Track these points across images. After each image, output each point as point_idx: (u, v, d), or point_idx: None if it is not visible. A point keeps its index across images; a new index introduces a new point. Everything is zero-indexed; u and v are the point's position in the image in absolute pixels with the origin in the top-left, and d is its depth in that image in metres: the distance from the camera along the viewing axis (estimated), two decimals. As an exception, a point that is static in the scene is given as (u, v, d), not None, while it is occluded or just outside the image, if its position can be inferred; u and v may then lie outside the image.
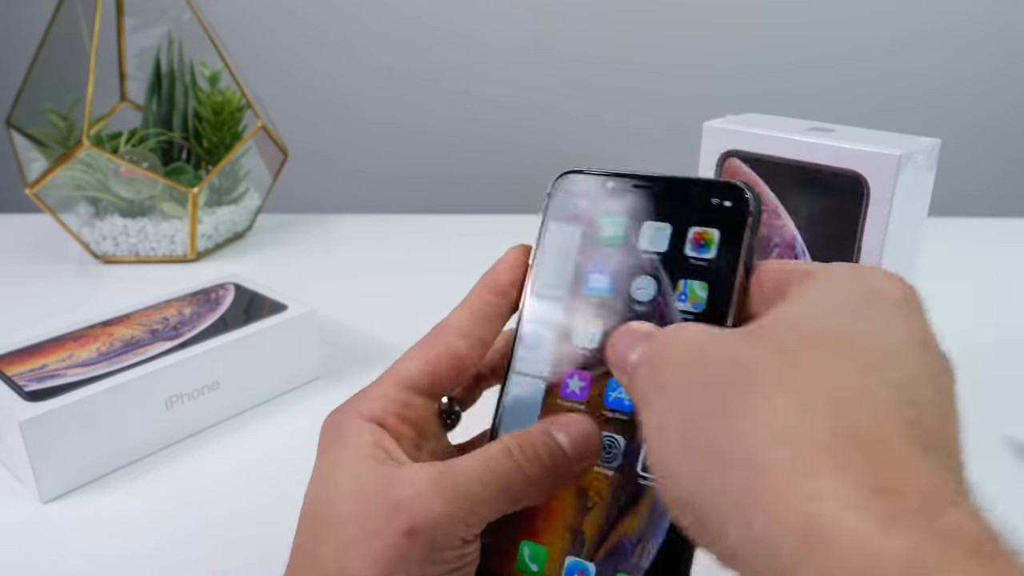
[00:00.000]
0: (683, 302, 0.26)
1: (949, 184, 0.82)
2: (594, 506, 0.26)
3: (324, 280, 0.73)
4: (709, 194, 0.26)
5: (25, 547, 0.40)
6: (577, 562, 0.25)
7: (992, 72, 1.33)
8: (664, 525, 0.25)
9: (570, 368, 0.27)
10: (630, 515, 0.25)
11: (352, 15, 1.31)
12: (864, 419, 0.17)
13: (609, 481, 0.26)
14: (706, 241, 0.26)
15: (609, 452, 0.26)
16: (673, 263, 0.26)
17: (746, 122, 0.41)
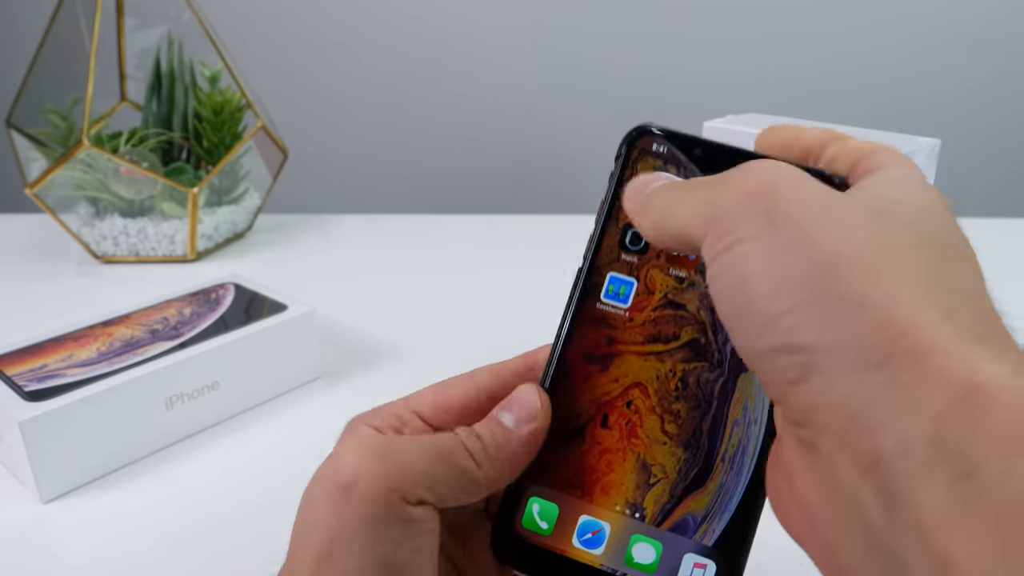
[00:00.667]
0: None
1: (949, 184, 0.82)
2: (657, 482, 0.25)
3: (324, 280, 0.73)
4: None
5: (25, 547, 0.40)
6: (592, 521, 0.25)
7: (992, 73, 1.33)
8: (731, 502, 0.25)
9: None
10: (698, 493, 0.25)
11: (352, 15, 1.31)
12: (984, 297, 0.20)
13: (678, 457, 0.25)
14: None
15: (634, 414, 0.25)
16: None
17: (746, 122, 0.41)
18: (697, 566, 0.24)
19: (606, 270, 0.26)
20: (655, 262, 0.26)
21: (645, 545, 0.25)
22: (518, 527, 0.25)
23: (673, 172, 0.26)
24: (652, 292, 0.26)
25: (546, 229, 0.88)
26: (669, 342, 0.25)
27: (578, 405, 0.26)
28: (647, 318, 0.26)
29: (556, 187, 1.33)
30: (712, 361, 0.25)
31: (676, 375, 0.25)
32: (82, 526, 0.41)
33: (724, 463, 0.25)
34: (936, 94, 1.34)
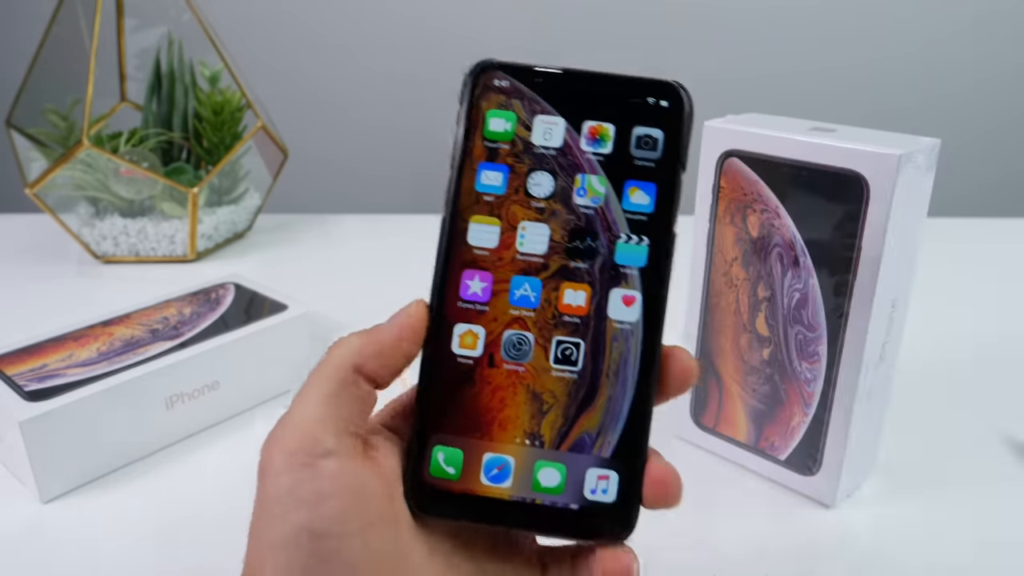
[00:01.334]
0: (629, 206, 0.27)
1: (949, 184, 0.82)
2: (550, 408, 0.26)
3: (324, 280, 0.73)
4: (646, 93, 0.27)
5: (25, 547, 0.40)
6: (496, 458, 0.26)
7: (992, 73, 1.33)
8: (621, 413, 0.26)
9: (477, 271, 0.27)
10: (589, 411, 0.26)
11: (352, 16, 1.31)
12: None
13: (566, 383, 0.26)
14: (652, 142, 0.27)
15: (519, 349, 0.26)
16: (618, 164, 0.27)
17: (746, 122, 0.41)
18: (600, 478, 0.26)
19: (468, 214, 0.27)
20: (515, 197, 0.27)
21: (549, 469, 0.26)
22: (427, 477, 0.26)
23: (518, 106, 0.27)
24: (515, 227, 0.27)
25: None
26: (541, 272, 0.27)
27: (463, 349, 0.26)
28: (515, 254, 0.27)
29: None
30: (584, 282, 0.26)
31: (552, 303, 0.26)
32: (82, 526, 0.41)
33: (609, 378, 0.26)
34: (936, 94, 1.34)
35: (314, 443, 0.24)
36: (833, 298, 0.39)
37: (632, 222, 0.27)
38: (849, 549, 0.39)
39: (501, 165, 0.27)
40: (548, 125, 0.27)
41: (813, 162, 0.38)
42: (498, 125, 0.27)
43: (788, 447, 0.43)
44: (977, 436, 0.49)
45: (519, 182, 0.27)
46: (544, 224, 0.27)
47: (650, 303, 0.26)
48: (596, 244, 0.27)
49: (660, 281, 0.26)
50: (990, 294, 0.70)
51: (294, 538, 0.23)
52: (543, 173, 0.27)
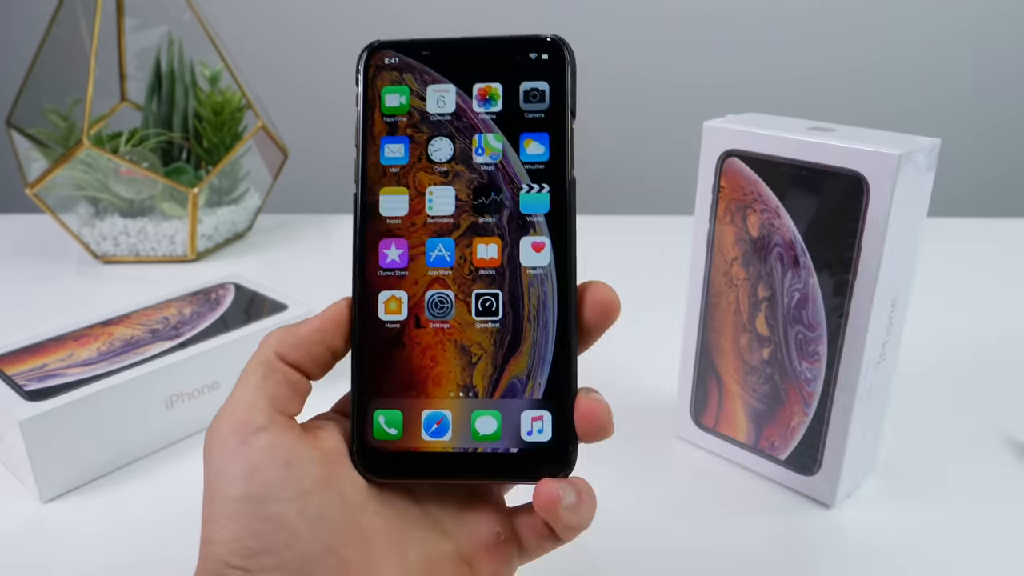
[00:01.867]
0: (526, 157, 0.28)
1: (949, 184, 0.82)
2: (479, 359, 0.28)
3: (324, 280, 0.73)
4: (528, 50, 0.28)
5: (25, 547, 0.40)
6: (433, 413, 0.28)
7: (992, 73, 1.33)
8: (547, 355, 0.28)
9: (389, 239, 0.28)
10: (516, 357, 0.28)
11: (352, 16, 1.31)
12: None
13: (490, 333, 0.28)
14: (539, 94, 0.28)
15: (442, 307, 0.28)
16: (510, 120, 0.28)
17: (746, 122, 0.41)
18: (535, 419, 0.27)
19: (377, 187, 0.28)
20: (418, 165, 0.28)
21: (485, 417, 0.28)
22: (371, 441, 0.28)
23: (410, 79, 0.28)
24: (423, 193, 0.28)
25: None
26: (452, 232, 0.28)
27: (389, 315, 0.28)
28: (425, 218, 0.28)
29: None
30: (494, 235, 0.28)
31: (467, 260, 0.28)
32: (82, 526, 0.41)
33: (531, 322, 0.28)
34: (936, 94, 1.34)
35: (245, 423, 0.26)
36: (833, 298, 0.39)
37: (531, 172, 0.28)
38: (849, 549, 0.39)
39: (401, 137, 0.28)
40: (440, 93, 0.28)
41: (813, 162, 0.38)
42: (393, 100, 0.28)
43: (788, 447, 0.43)
44: (977, 436, 0.49)
45: (420, 150, 0.28)
46: (449, 186, 0.28)
47: (559, 246, 0.28)
48: (500, 198, 0.28)
49: (565, 224, 0.28)
50: (990, 294, 0.70)
51: (235, 508, 0.25)
52: (441, 138, 0.28)
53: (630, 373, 0.45)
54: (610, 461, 0.45)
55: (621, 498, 0.42)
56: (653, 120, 1.28)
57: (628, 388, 0.52)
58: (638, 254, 0.78)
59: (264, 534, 0.25)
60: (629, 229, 0.87)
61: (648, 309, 0.62)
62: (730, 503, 0.43)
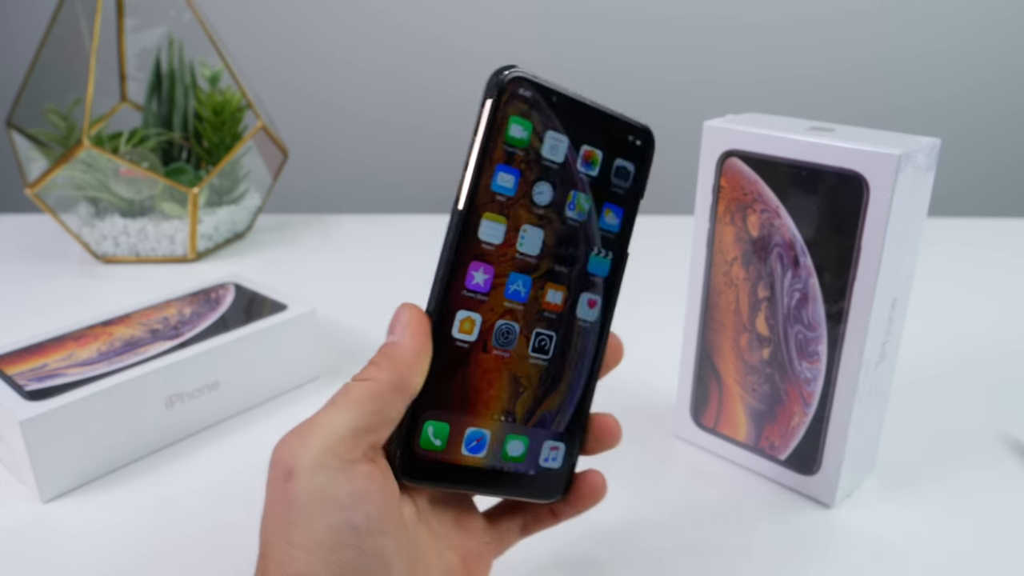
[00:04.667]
0: (603, 224, 0.31)
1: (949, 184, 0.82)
2: (524, 391, 0.30)
3: (324, 280, 0.73)
4: (628, 132, 0.31)
5: (25, 547, 0.40)
6: (476, 431, 0.30)
7: (992, 73, 1.33)
8: (576, 396, 0.32)
9: (484, 264, 0.29)
10: (554, 393, 0.31)
11: (352, 15, 1.31)
12: None
13: (539, 369, 0.31)
14: (626, 173, 0.32)
15: (507, 337, 0.30)
16: (600, 187, 0.31)
17: (746, 122, 0.41)
18: (553, 448, 0.32)
19: (483, 211, 0.29)
20: (522, 201, 0.29)
21: (516, 442, 0.31)
22: (417, 449, 0.29)
23: (536, 118, 0.29)
24: (518, 228, 0.29)
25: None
26: (533, 272, 0.30)
27: (462, 333, 0.29)
28: (515, 252, 0.29)
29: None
30: (564, 284, 0.31)
31: (537, 300, 0.30)
32: (82, 526, 0.41)
33: (571, 366, 0.32)
34: (936, 94, 1.34)
35: (347, 448, 0.25)
36: (833, 298, 0.39)
37: (603, 238, 0.31)
38: (849, 549, 0.39)
39: (515, 169, 0.29)
40: (556, 141, 0.29)
41: (813, 162, 0.38)
42: (518, 131, 0.29)
43: (788, 447, 0.43)
44: (977, 436, 0.49)
45: (527, 187, 0.29)
46: (541, 229, 0.30)
47: (606, 307, 0.32)
48: (576, 253, 0.31)
49: (614, 289, 0.32)
50: (990, 294, 0.70)
51: (336, 537, 0.24)
52: (546, 183, 0.30)
53: (630, 373, 0.45)
54: (610, 461, 0.45)
55: (621, 498, 0.42)
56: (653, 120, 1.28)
57: (628, 388, 0.52)
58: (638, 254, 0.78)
59: (364, 567, 0.24)
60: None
61: (648, 309, 0.62)
62: (730, 503, 0.43)
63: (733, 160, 0.41)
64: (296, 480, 0.24)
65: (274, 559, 0.24)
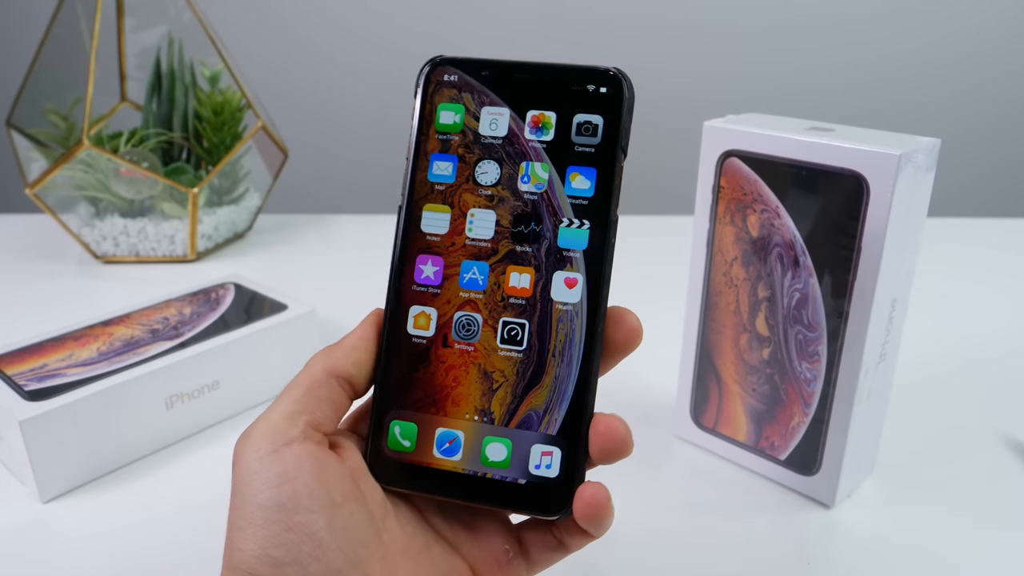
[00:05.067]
0: (571, 191, 0.28)
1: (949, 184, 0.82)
2: (500, 386, 0.28)
3: (324, 280, 0.73)
4: (588, 81, 0.28)
5: (25, 547, 0.40)
6: (447, 432, 0.28)
7: (992, 73, 1.33)
8: (567, 392, 0.28)
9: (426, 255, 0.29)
10: (537, 389, 0.28)
11: (352, 15, 1.31)
12: None
13: (514, 362, 0.28)
14: (592, 128, 0.28)
15: (469, 329, 0.28)
16: (560, 151, 0.28)
17: (746, 122, 0.41)
18: (544, 454, 0.27)
19: (422, 203, 0.28)
20: (465, 185, 0.28)
21: (497, 444, 0.28)
22: (386, 450, 0.28)
23: (467, 99, 0.28)
24: (465, 214, 0.28)
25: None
26: (489, 257, 0.28)
27: (417, 329, 0.28)
28: (465, 239, 0.28)
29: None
30: (530, 265, 0.28)
31: (500, 286, 0.28)
32: (82, 526, 0.41)
33: (555, 358, 0.28)
34: (936, 94, 1.34)
35: (279, 434, 0.26)
36: (833, 298, 0.39)
37: (575, 207, 0.28)
38: (849, 549, 0.39)
39: (451, 155, 0.28)
40: (494, 116, 0.28)
41: (813, 162, 0.38)
42: (448, 118, 0.28)
43: (788, 447, 0.43)
44: (977, 436, 0.49)
45: (468, 171, 0.28)
46: (491, 211, 0.28)
47: (592, 285, 0.28)
48: (540, 228, 0.28)
49: (601, 263, 0.28)
50: (990, 294, 0.70)
51: (262, 514, 0.25)
52: (490, 162, 0.28)
53: (630, 373, 0.45)
54: (610, 461, 0.45)
55: (621, 498, 0.42)
56: (653, 120, 1.28)
57: (628, 388, 0.52)
58: (638, 254, 0.78)
59: (291, 544, 0.25)
60: (629, 229, 0.87)
61: (648, 309, 0.62)
62: (730, 503, 0.43)
63: (733, 160, 0.41)
64: (236, 469, 0.26)
65: (227, 542, 0.26)
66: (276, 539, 0.25)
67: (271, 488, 0.25)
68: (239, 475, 0.26)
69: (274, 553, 0.25)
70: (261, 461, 0.26)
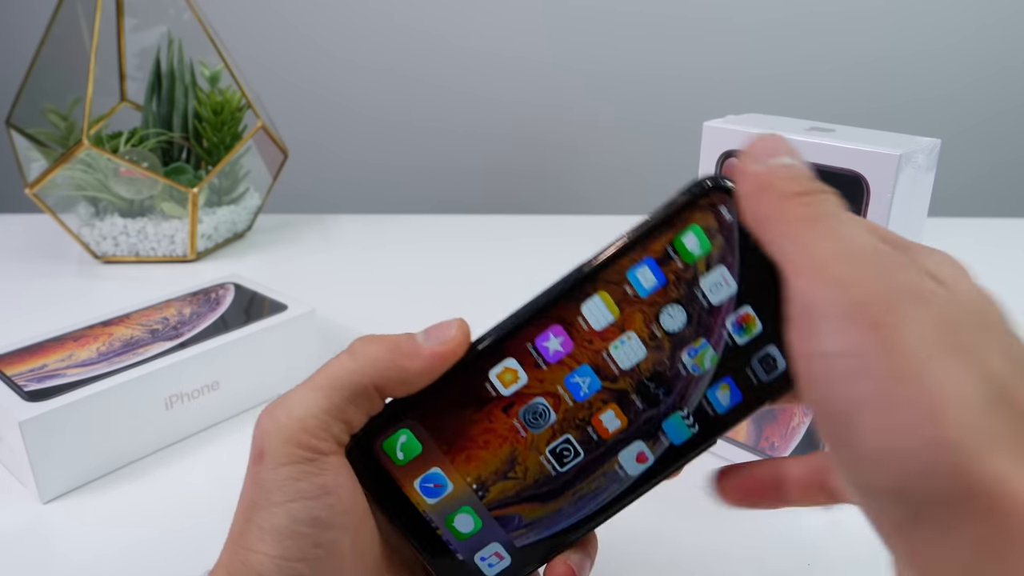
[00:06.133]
0: (710, 395, 0.26)
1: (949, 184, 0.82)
2: (513, 478, 0.27)
3: (324, 280, 0.73)
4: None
5: (25, 547, 0.40)
6: (441, 476, 0.26)
7: (992, 72, 1.33)
8: (555, 528, 0.27)
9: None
10: (536, 504, 0.27)
11: (352, 15, 1.31)
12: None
13: (542, 472, 0.27)
14: (772, 365, 0.26)
15: (536, 419, 0.26)
16: (735, 359, 0.26)
17: (746, 122, 0.41)
18: (496, 555, 0.27)
19: (601, 287, 0.25)
20: (646, 309, 0.25)
21: (468, 517, 0.27)
22: (378, 445, 0.26)
23: (717, 242, 0.25)
24: (623, 329, 0.25)
25: (549, 229, 0.88)
26: (605, 380, 0.26)
27: (497, 380, 0.26)
28: (603, 348, 0.25)
29: (558, 187, 1.33)
30: (627, 414, 0.26)
31: (591, 411, 0.26)
32: (82, 526, 0.41)
33: (574, 496, 0.27)
34: (936, 94, 1.34)
35: (319, 439, 0.24)
36: (833, 298, 0.39)
37: (700, 407, 0.26)
38: (849, 549, 0.39)
39: (662, 275, 0.25)
40: (721, 281, 0.25)
41: (813, 162, 0.38)
42: (691, 241, 0.25)
43: (788, 447, 0.43)
44: (977, 436, 0.49)
45: (660, 300, 0.25)
46: (645, 348, 0.25)
47: (655, 473, 0.27)
48: (662, 399, 0.26)
49: (675, 462, 0.27)
50: (990, 294, 0.70)
51: (294, 527, 0.24)
52: (681, 310, 0.25)
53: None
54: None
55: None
56: (653, 120, 1.28)
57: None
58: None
59: (316, 559, 0.24)
60: (629, 229, 0.87)
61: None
62: (730, 503, 0.43)
63: (733, 160, 0.41)
64: (264, 463, 0.24)
65: (234, 533, 0.25)
66: (302, 553, 0.24)
67: (309, 500, 0.24)
68: (272, 471, 0.24)
69: (297, 567, 0.24)
70: (298, 466, 0.24)
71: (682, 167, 0.28)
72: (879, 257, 0.20)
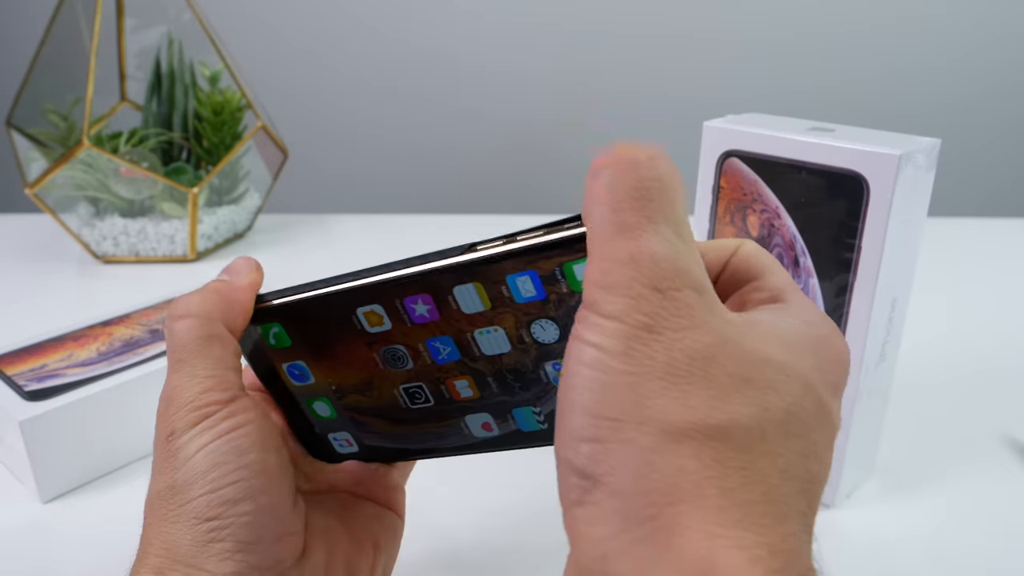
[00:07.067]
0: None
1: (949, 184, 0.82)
2: (368, 397, 0.29)
3: (324, 280, 0.73)
4: None
5: (25, 547, 0.40)
6: (304, 368, 0.29)
7: (993, 72, 1.33)
8: (405, 447, 0.30)
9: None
10: (381, 423, 0.30)
11: (352, 15, 1.31)
12: (780, 491, 0.18)
13: (394, 401, 0.29)
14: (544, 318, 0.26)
15: (395, 358, 0.27)
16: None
17: (746, 122, 0.41)
18: (347, 441, 0.31)
19: (480, 279, 0.24)
20: (519, 312, 0.24)
21: (325, 406, 0.30)
22: (261, 333, 0.30)
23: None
24: (492, 322, 0.25)
25: (546, 229, 0.88)
26: (465, 355, 0.26)
27: (364, 319, 0.27)
28: (469, 331, 0.25)
29: (557, 188, 1.33)
30: (480, 390, 0.27)
31: (446, 373, 0.27)
32: (82, 526, 0.41)
33: (419, 430, 0.29)
34: (936, 94, 1.34)
35: (217, 392, 0.26)
36: (833, 298, 0.39)
37: (554, 412, 0.25)
38: (849, 549, 0.39)
39: (543, 291, 0.24)
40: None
41: (813, 162, 0.38)
42: (581, 272, 0.23)
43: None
44: (977, 436, 0.49)
45: (534, 312, 0.24)
46: (510, 346, 0.25)
47: (497, 443, 0.28)
48: (518, 392, 0.26)
49: (519, 444, 0.28)
50: (990, 294, 0.70)
51: (212, 459, 0.25)
52: (555, 328, 0.24)
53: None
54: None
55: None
56: (653, 120, 1.28)
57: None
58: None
59: (242, 479, 0.25)
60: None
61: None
62: (730, 503, 0.43)
63: (733, 160, 0.41)
64: (176, 435, 0.26)
65: (165, 497, 0.26)
66: (227, 478, 0.25)
67: (227, 434, 0.25)
68: (185, 437, 0.25)
69: (226, 492, 0.25)
70: (210, 420, 0.26)
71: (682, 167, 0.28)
72: None
